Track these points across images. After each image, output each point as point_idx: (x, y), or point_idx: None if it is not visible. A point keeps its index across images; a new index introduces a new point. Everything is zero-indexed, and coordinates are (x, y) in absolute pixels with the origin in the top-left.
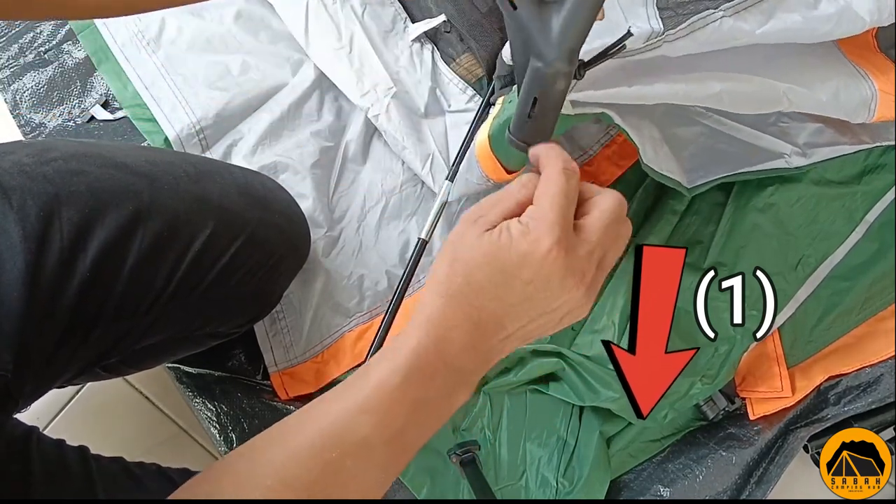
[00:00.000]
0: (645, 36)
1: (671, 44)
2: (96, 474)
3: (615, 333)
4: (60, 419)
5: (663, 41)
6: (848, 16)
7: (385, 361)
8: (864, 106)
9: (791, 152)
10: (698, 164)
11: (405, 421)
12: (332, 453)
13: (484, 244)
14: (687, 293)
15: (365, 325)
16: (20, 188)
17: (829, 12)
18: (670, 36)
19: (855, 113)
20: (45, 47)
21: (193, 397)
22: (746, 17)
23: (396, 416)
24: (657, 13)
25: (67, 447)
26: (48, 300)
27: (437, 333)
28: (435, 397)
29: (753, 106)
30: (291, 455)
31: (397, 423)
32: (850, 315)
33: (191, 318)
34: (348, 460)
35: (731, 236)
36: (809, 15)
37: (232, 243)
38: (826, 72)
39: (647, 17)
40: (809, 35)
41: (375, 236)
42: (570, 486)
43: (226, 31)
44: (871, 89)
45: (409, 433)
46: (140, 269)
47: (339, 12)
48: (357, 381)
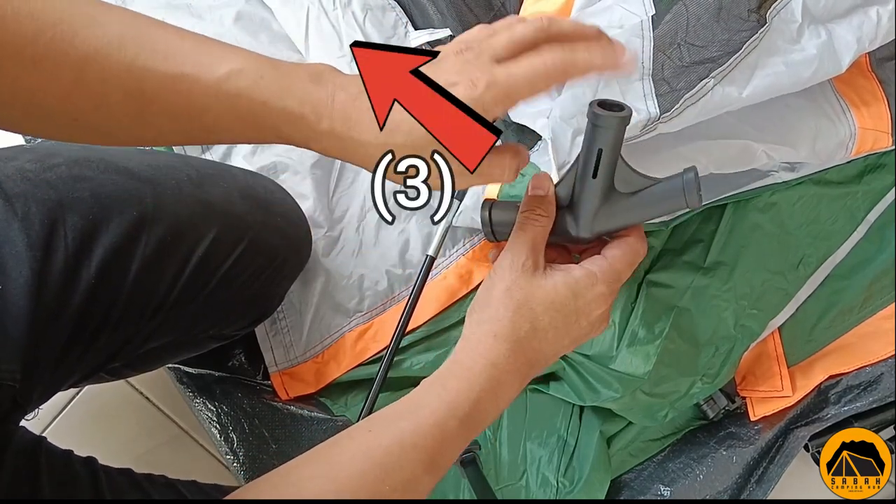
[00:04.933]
0: (642, 123)
1: (666, 124)
2: (105, 487)
3: (615, 333)
4: (61, 420)
5: (659, 123)
6: (829, 55)
7: (442, 402)
8: (841, 147)
9: (779, 168)
10: None
11: (450, 457)
12: (383, 487)
13: (546, 288)
14: (687, 293)
15: (365, 325)
16: (24, 195)
17: (810, 53)
18: (665, 118)
19: (831, 157)
20: None
21: (194, 398)
22: (734, 79)
23: (445, 455)
24: (653, 89)
25: (76, 458)
26: (54, 307)
27: (500, 379)
28: (476, 434)
29: (736, 167)
30: (343, 487)
31: (444, 460)
32: (851, 314)
33: (194, 321)
34: (396, 494)
35: (732, 235)
36: (790, 58)
37: (235, 247)
38: (805, 118)
39: (643, 96)
40: (791, 86)
41: (375, 236)
42: (571, 485)
43: (226, 32)
44: (850, 128)
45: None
46: (144, 274)
47: (341, 19)
48: (410, 414)
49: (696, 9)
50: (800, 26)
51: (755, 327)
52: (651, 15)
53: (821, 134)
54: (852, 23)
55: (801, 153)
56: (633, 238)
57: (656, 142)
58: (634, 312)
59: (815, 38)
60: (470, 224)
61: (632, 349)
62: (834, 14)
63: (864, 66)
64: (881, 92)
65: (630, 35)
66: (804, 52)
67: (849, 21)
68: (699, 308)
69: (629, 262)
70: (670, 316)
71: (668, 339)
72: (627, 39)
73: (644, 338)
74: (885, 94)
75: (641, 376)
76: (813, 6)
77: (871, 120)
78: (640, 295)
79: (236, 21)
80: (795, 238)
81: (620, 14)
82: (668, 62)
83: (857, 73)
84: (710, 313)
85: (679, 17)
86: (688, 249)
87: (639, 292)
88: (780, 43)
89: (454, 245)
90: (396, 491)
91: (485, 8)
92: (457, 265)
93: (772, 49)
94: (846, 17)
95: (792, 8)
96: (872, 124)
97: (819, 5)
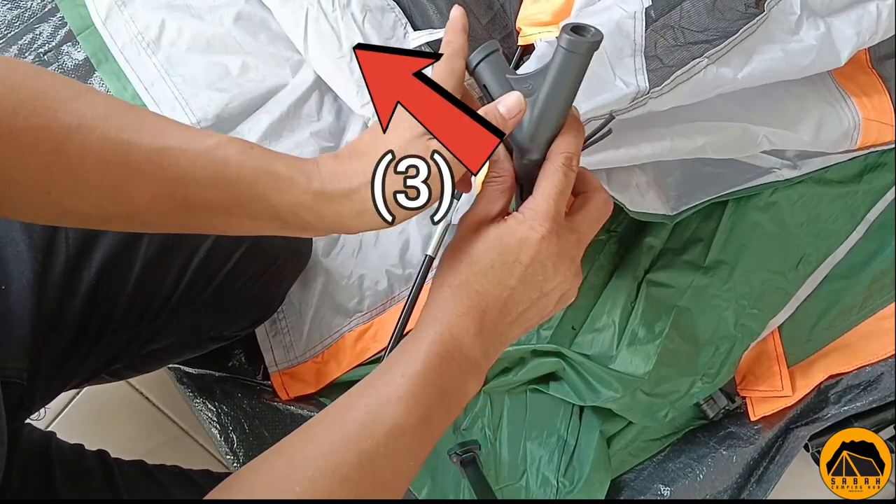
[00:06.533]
0: (631, 96)
1: (656, 100)
2: (119, 478)
3: (615, 333)
4: (61, 420)
5: (648, 98)
6: (827, 46)
7: (405, 353)
8: (845, 137)
9: (781, 165)
10: (685, 190)
11: (429, 406)
12: (366, 442)
13: (483, 234)
14: (687, 292)
15: (365, 325)
16: None
17: (809, 44)
18: (655, 93)
19: (836, 145)
20: (45, 48)
21: (194, 398)
22: (729, 61)
23: (421, 402)
24: (644, 64)
25: (87, 452)
26: (56, 308)
27: (450, 321)
28: (453, 384)
29: (735, 152)
30: (328, 448)
31: (422, 408)
32: (850, 313)
33: (196, 323)
34: (381, 448)
35: (733, 234)
36: (789, 47)
37: (236, 249)
38: (807, 104)
39: (634, 71)
40: (789, 72)
41: (375, 236)
42: (571, 485)
43: (226, 32)
44: (853, 118)
45: (433, 419)
46: (146, 276)
47: (340, 20)
48: (381, 374)
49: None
50: (798, 18)
51: (755, 327)
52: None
53: (824, 121)
54: (851, 17)
55: (803, 138)
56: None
57: (653, 119)
58: (634, 312)
59: (814, 30)
60: None
61: (632, 349)
62: (833, 8)
63: (865, 63)
64: (883, 87)
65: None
66: (803, 42)
67: (847, 15)
68: (699, 308)
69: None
70: (670, 315)
71: (668, 339)
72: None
73: (644, 338)
74: (887, 89)
75: (641, 376)
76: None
77: (874, 111)
78: (640, 294)
79: (236, 21)
80: (796, 237)
81: (619, 14)
82: (662, 41)
83: (858, 70)
84: (710, 313)
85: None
86: (688, 249)
87: (639, 292)
88: (778, 33)
89: None
90: (381, 445)
91: (485, 8)
92: None
93: (770, 37)
94: (845, 11)
95: (791, 0)
96: (876, 115)
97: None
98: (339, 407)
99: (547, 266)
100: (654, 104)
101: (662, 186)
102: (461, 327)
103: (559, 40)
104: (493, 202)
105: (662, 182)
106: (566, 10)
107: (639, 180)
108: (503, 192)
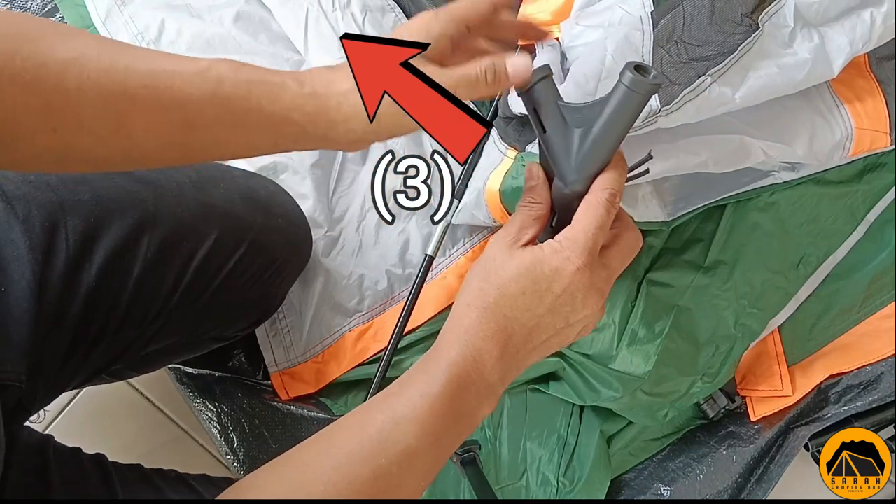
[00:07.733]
0: (644, 115)
1: (665, 118)
2: (116, 482)
3: (615, 332)
4: (61, 421)
5: (659, 116)
6: (821, 59)
7: (425, 374)
8: (838, 148)
9: (780, 168)
10: (682, 195)
11: (444, 430)
12: (380, 460)
13: (517, 259)
14: (687, 292)
15: (365, 325)
16: (24, 197)
17: (803, 57)
18: (665, 111)
19: (828, 158)
20: None
21: (194, 398)
22: (729, 80)
23: (437, 426)
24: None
25: (84, 455)
26: (56, 309)
27: (474, 344)
28: (469, 408)
29: (734, 164)
30: (342, 462)
31: (437, 432)
32: (850, 313)
33: (196, 323)
34: (394, 467)
35: (732, 234)
36: (783, 62)
37: (236, 249)
38: (801, 116)
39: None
40: (784, 88)
41: (375, 236)
42: (571, 485)
43: (225, 32)
44: (845, 129)
45: (445, 442)
46: (146, 277)
47: (340, 20)
48: (399, 390)
49: (692, 10)
50: (792, 31)
51: (755, 326)
52: (650, 11)
53: (816, 134)
54: (844, 26)
55: (797, 152)
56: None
57: (656, 137)
58: (634, 312)
59: (808, 42)
60: (469, 221)
61: (632, 349)
62: (826, 18)
63: (863, 66)
64: (880, 92)
65: (630, 29)
66: (797, 55)
67: (841, 24)
68: (699, 307)
69: (597, 225)
70: (670, 315)
71: (668, 339)
72: (627, 33)
73: (644, 337)
74: (883, 93)
75: (641, 376)
76: (805, 11)
77: (868, 120)
78: (640, 294)
79: (236, 21)
80: (795, 237)
81: (620, 14)
82: (667, 57)
83: (856, 73)
84: (711, 312)
85: (676, 16)
86: (688, 249)
87: (639, 292)
88: (772, 47)
89: (454, 245)
90: (394, 464)
91: None
92: (456, 265)
93: (765, 52)
94: (839, 20)
95: (784, 13)
96: (870, 124)
97: (811, 10)
98: (355, 420)
99: (577, 298)
100: (664, 122)
101: (661, 192)
102: (485, 351)
103: (621, 77)
104: (527, 227)
105: (661, 188)
106: (566, 9)
107: (644, 191)
108: (537, 220)
